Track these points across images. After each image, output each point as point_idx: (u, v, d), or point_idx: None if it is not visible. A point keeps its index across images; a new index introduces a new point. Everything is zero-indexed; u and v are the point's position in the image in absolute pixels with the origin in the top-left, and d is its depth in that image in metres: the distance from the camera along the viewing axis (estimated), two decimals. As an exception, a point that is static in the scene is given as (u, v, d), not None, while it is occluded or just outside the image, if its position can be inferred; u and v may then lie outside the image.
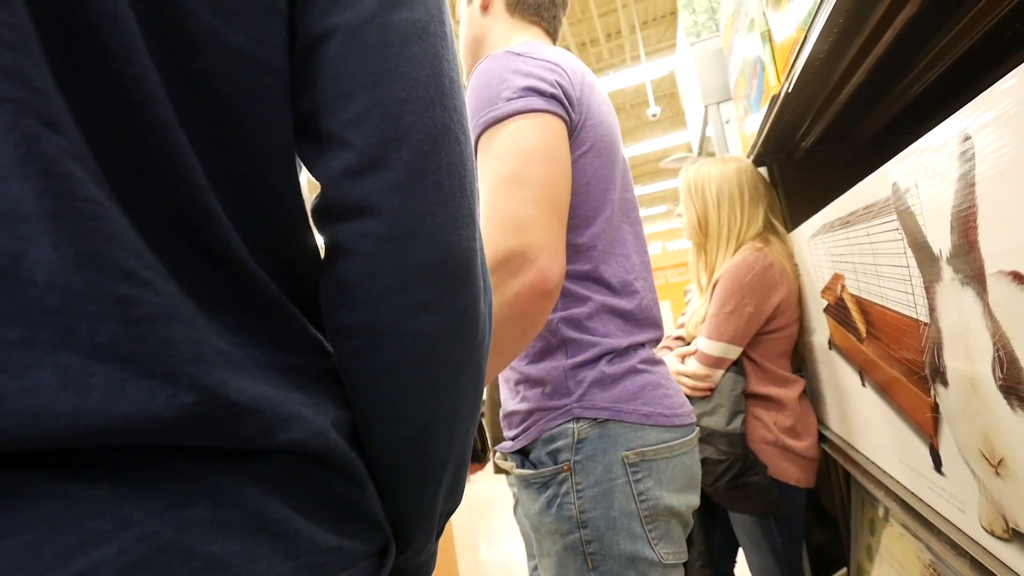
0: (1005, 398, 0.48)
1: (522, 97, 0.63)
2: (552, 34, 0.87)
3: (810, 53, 0.82)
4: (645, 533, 0.65)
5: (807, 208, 1.34)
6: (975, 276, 0.49)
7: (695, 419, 0.75)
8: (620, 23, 7.41)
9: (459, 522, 2.85)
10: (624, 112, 10.35)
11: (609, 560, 0.64)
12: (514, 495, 2.08)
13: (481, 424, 0.67)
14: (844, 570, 1.42)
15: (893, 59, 0.88)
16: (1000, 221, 0.45)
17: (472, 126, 0.66)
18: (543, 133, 0.63)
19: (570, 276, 0.70)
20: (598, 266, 0.71)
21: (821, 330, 1.08)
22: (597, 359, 0.69)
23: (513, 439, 0.73)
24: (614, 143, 0.75)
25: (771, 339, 1.17)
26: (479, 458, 0.66)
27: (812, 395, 1.22)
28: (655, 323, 0.77)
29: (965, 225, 0.49)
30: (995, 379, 0.49)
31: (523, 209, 0.59)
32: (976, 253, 0.49)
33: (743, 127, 1.44)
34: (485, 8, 0.84)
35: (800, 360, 1.27)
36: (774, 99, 1.02)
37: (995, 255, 0.46)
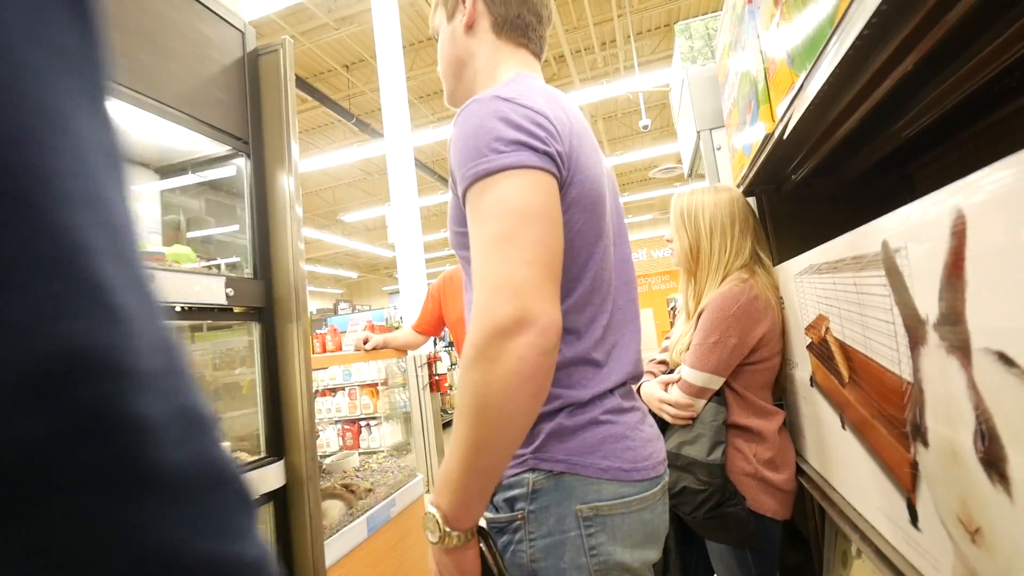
0: (985, 471, 0.48)
1: (514, 151, 0.62)
2: (538, 55, 0.84)
3: (811, 99, 0.82)
4: None
5: (794, 239, 1.36)
6: (961, 347, 0.50)
7: (661, 470, 0.73)
8: (615, 32, 7.45)
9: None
10: (615, 120, 10.40)
11: None
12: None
13: (493, 543, 0.66)
14: (815, 596, 1.44)
15: (889, 104, 0.89)
16: (989, 300, 0.45)
17: (458, 176, 0.65)
18: (537, 191, 0.62)
19: None
20: (569, 317, 0.69)
21: (804, 365, 1.09)
22: (556, 412, 0.68)
23: None
24: (600, 195, 0.73)
25: (754, 370, 1.18)
26: None
27: (792, 427, 1.24)
28: (629, 363, 0.75)
29: (953, 296, 0.50)
30: (976, 451, 0.50)
31: (519, 272, 0.58)
32: (963, 326, 0.49)
33: (735, 155, 1.45)
34: (470, 27, 0.80)
35: (781, 391, 1.28)
36: (767, 137, 1.03)
37: (982, 332, 0.46)
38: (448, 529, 0.60)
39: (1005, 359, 0.43)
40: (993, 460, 0.47)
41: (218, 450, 0.24)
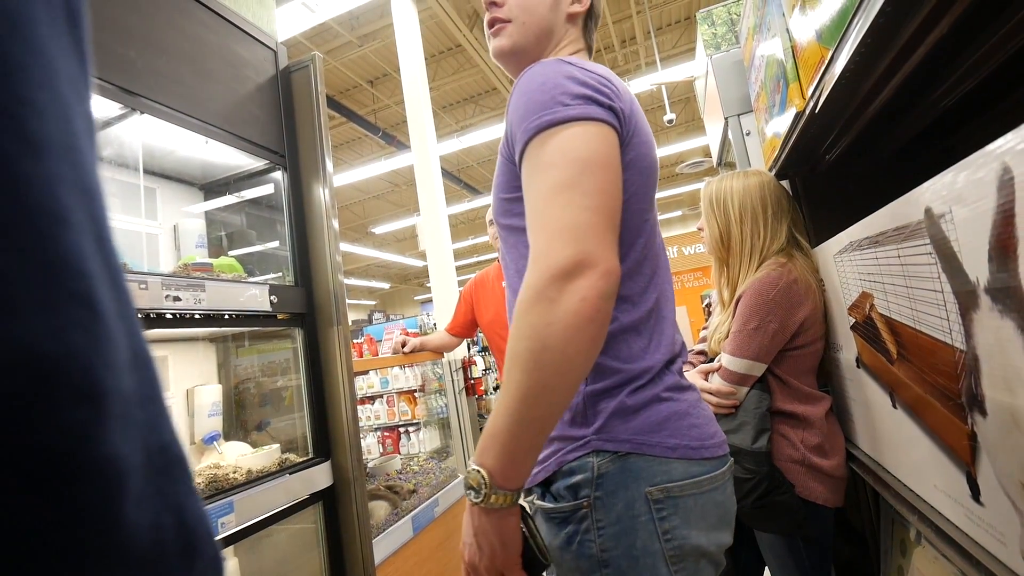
0: (1049, 433, 0.47)
1: (579, 104, 0.63)
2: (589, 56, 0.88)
3: (839, 72, 0.81)
4: (670, 573, 0.61)
5: (831, 221, 1.32)
6: (1016, 308, 0.48)
7: (727, 449, 0.71)
8: (635, 29, 7.40)
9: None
10: (639, 117, 10.29)
11: None
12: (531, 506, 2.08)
13: (537, 530, 0.62)
14: (873, 589, 1.38)
15: (923, 74, 0.86)
16: (1042, 255, 0.44)
17: (521, 129, 0.65)
18: (601, 141, 0.62)
19: None
20: (624, 284, 0.68)
21: (848, 347, 1.07)
22: (619, 387, 0.66)
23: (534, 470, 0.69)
24: (654, 164, 0.74)
25: (796, 355, 1.16)
26: (541, 568, 0.60)
27: (839, 412, 1.20)
28: (677, 345, 0.75)
29: (1004, 256, 0.49)
30: (1038, 413, 0.48)
31: (581, 217, 0.58)
32: (1016, 284, 0.48)
33: (765, 139, 1.43)
34: (573, 16, 0.82)
35: (826, 376, 1.25)
36: (798, 116, 1.02)
37: (1037, 288, 0.45)
38: (496, 487, 0.57)
39: (1064, 314, 0.42)
40: (1057, 421, 0.45)
41: (192, 504, 0.19)
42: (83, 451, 0.13)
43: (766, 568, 1.27)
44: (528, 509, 0.66)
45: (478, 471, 0.58)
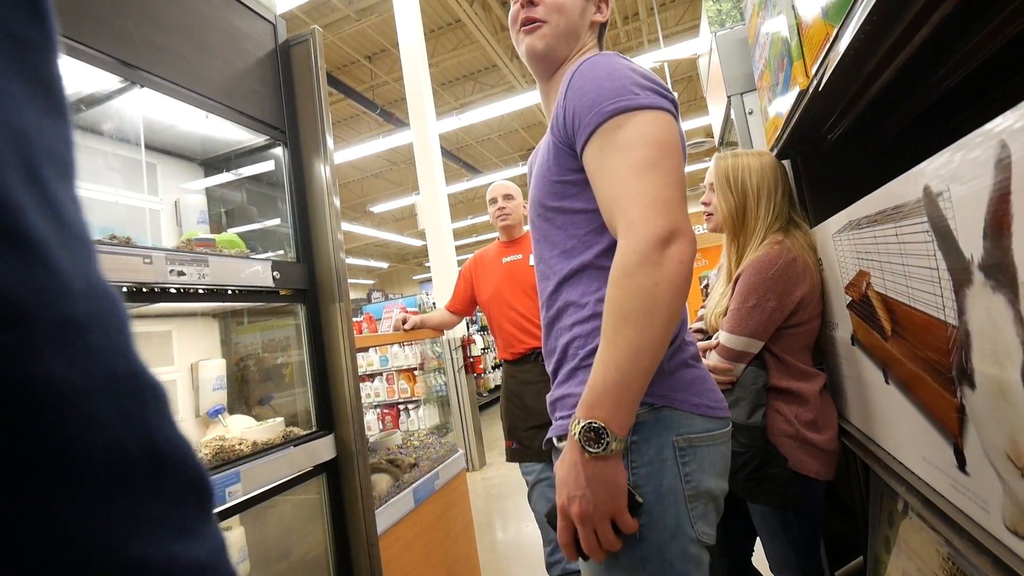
0: (1034, 404, 0.49)
1: (650, 94, 0.71)
2: None
3: (844, 49, 0.81)
4: (688, 511, 0.70)
5: (831, 202, 1.33)
6: (1007, 283, 0.50)
7: (729, 413, 0.80)
8: (638, 5, 7.27)
9: (476, 505, 2.92)
10: (641, 96, 10.16)
11: (655, 532, 0.69)
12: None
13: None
14: (860, 559, 1.43)
15: (926, 54, 0.86)
16: (1035, 231, 0.45)
17: (593, 111, 0.72)
18: (671, 128, 0.72)
19: None
20: None
21: (844, 326, 1.08)
22: None
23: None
24: (685, 155, 0.83)
25: (793, 333, 1.18)
26: (636, 508, 0.69)
27: (833, 389, 1.23)
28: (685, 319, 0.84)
29: (998, 233, 0.50)
30: (1024, 384, 0.50)
31: (667, 192, 0.67)
32: (1009, 260, 0.49)
33: (768, 118, 1.42)
34: (594, 25, 0.90)
35: (821, 354, 1.27)
36: (801, 94, 1.02)
37: (1028, 264, 0.46)
38: (615, 434, 0.63)
39: (1052, 288, 0.43)
40: (1041, 391, 0.47)
41: (166, 429, 0.20)
42: (5, 373, 0.14)
43: (757, 539, 1.31)
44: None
45: (594, 425, 0.64)
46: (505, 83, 8.66)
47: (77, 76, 1.06)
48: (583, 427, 0.64)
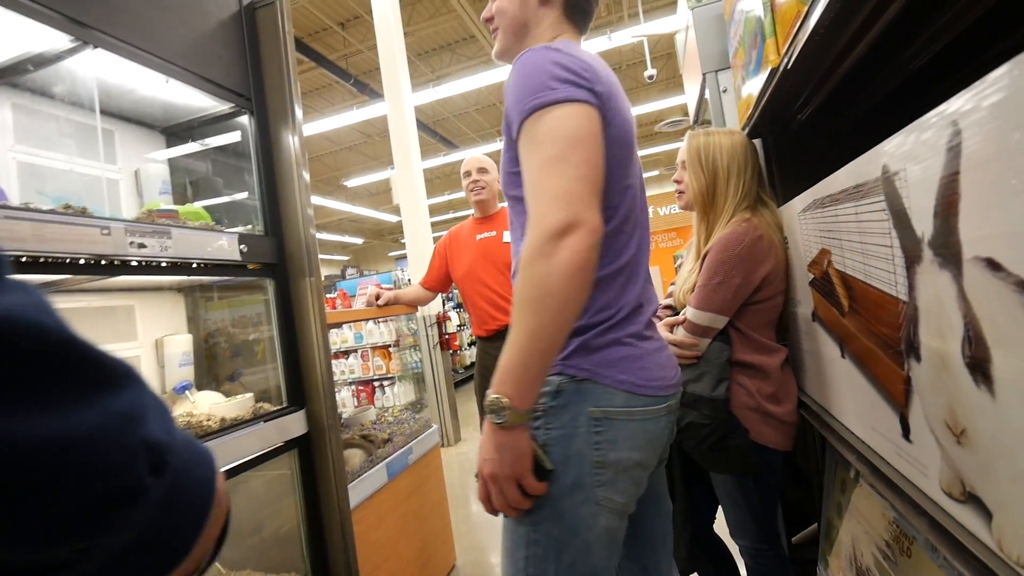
0: (971, 374, 0.51)
1: (565, 87, 0.73)
2: (583, 33, 0.96)
3: (813, 26, 0.82)
4: (591, 474, 0.77)
5: (800, 181, 1.35)
6: (953, 259, 0.52)
7: (669, 392, 0.83)
8: (618, -22, 7.15)
9: (451, 480, 2.97)
10: (620, 72, 10.11)
11: (554, 485, 0.76)
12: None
13: (540, 445, 0.78)
14: (815, 526, 1.51)
15: (895, 33, 0.88)
16: (980, 209, 0.47)
17: (516, 111, 0.76)
18: (584, 120, 0.73)
19: None
20: (608, 241, 0.80)
21: (806, 302, 1.12)
22: (587, 329, 0.80)
23: None
24: (632, 140, 0.84)
25: (757, 309, 1.21)
26: (546, 474, 0.77)
27: (794, 363, 1.27)
28: (647, 299, 0.87)
29: (947, 211, 0.52)
30: (963, 356, 0.52)
31: (571, 185, 0.69)
32: (955, 238, 0.51)
33: (740, 97, 1.43)
34: (546, 2, 0.91)
35: (784, 330, 1.31)
36: (773, 72, 1.02)
37: (973, 241, 0.48)
38: (514, 408, 0.70)
39: (993, 264, 0.46)
40: (978, 362, 0.50)
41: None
42: None
43: (719, 507, 1.37)
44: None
45: (499, 398, 0.70)
46: (483, 55, 8.48)
47: (23, 33, 0.99)
48: (490, 400, 0.71)
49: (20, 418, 0.20)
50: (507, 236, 2.19)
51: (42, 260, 0.89)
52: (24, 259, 0.86)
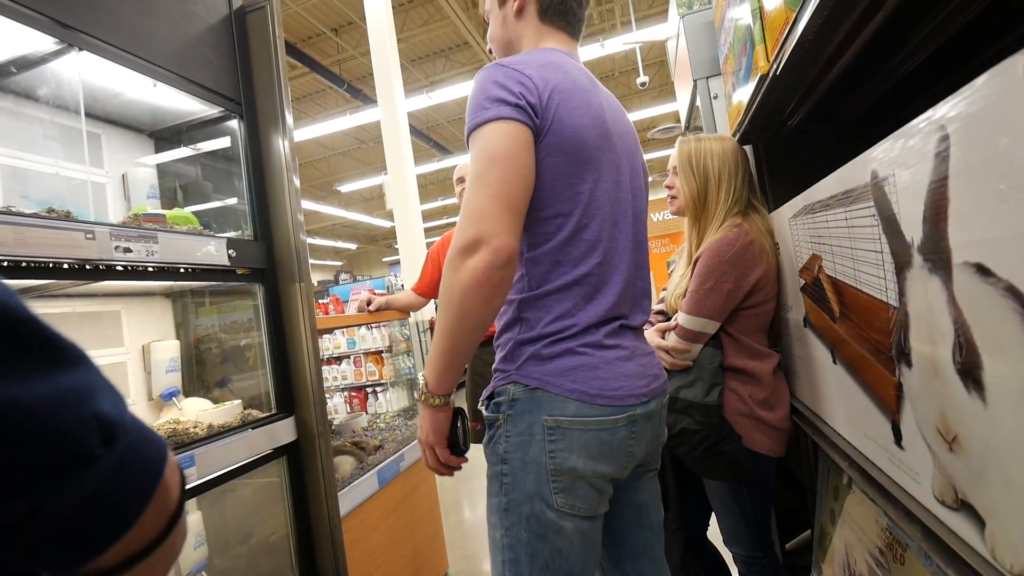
0: (962, 380, 0.51)
1: (494, 106, 0.76)
2: (575, 34, 0.96)
3: (801, 32, 0.82)
4: (548, 481, 0.79)
5: (790, 187, 1.36)
6: (942, 265, 0.52)
7: (631, 402, 0.82)
8: (611, -14, 7.21)
9: (444, 486, 2.94)
10: (613, 80, 10.18)
11: (516, 491, 0.80)
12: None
13: (465, 421, 0.86)
14: (809, 532, 1.50)
15: (883, 39, 0.88)
16: (969, 214, 0.47)
17: (465, 133, 0.81)
18: (504, 138, 0.76)
19: (534, 260, 0.82)
20: (562, 250, 0.82)
21: (798, 308, 1.12)
22: (538, 339, 0.82)
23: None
24: (583, 144, 0.82)
25: (749, 315, 1.21)
26: (460, 452, 0.85)
27: (786, 369, 1.27)
28: (620, 304, 0.86)
29: (936, 216, 0.52)
30: (954, 362, 0.52)
31: (481, 203, 0.73)
32: (945, 243, 0.51)
33: (731, 103, 1.44)
34: (519, 13, 0.94)
35: (776, 336, 1.31)
36: (762, 79, 1.03)
37: (962, 246, 0.48)
38: (430, 392, 0.79)
39: (982, 270, 0.45)
40: (969, 368, 0.49)
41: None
42: None
43: (712, 513, 1.36)
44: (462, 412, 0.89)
45: (422, 380, 0.80)
46: (476, 61, 8.50)
47: (6, 35, 0.98)
48: (421, 379, 0.77)
49: None
50: None
51: (24, 264, 0.88)
52: (5, 263, 0.84)
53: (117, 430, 0.30)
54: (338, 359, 5.01)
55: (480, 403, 0.90)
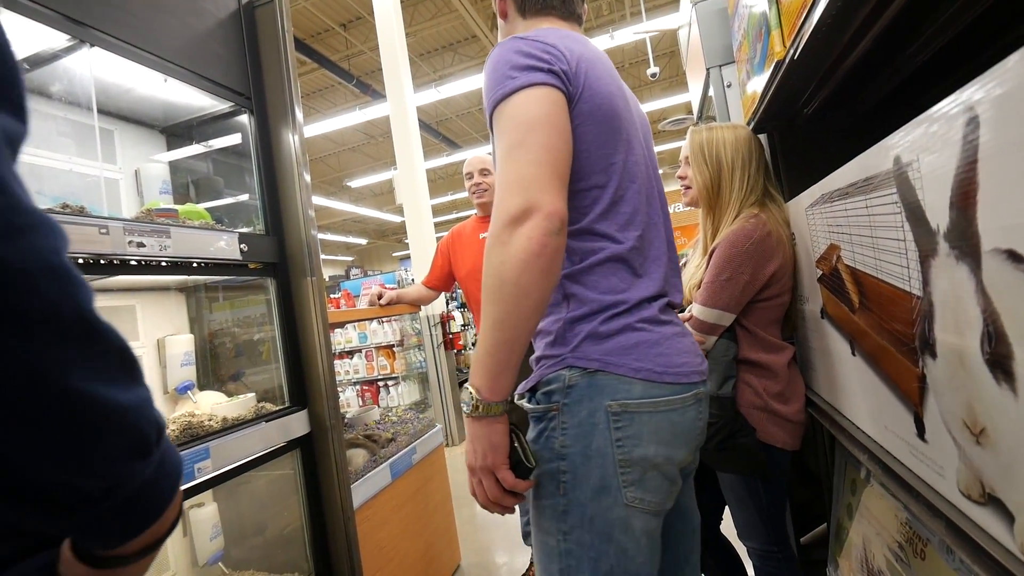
0: (991, 371, 0.49)
1: (524, 73, 0.72)
2: (567, 16, 0.92)
3: (819, 17, 0.80)
4: (616, 474, 0.71)
5: (806, 176, 1.33)
6: (971, 252, 0.50)
7: (695, 379, 0.77)
8: (621, -24, 7.12)
9: (456, 479, 2.94)
10: (623, 71, 10.08)
11: (578, 489, 0.72)
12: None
13: (524, 440, 0.73)
14: (824, 526, 1.49)
15: (901, 25, 0.86)
16: (1000, 199, 0.45)
17: (487, 106, 0.75)
18: (543, 103, 0.71)
19: (573, 234, 0.76)
20: (601, 222, 0.77)
21: (814, 299, 1.10)
22: (594, 314, 0.75)
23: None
24: (614, 113, 0.79)
25: (764, 307, 1.19)
26: (527, 471, 0.72)
27: (802, 361, 1.25)
28: (660, 278, 0.80)
29: (964, 201, 0.50)
30: (983, 353, 0.50)
31: (527, 170, 0.67)
32: (973, 229, 0.49)
33: (745, 91, 1.41)
34: (504, 16, 0.94)
35: (791, 327, 1.29)
36: (778, 65, 1.00)
37: (992, 232, 0.46)
38: (482, 399, 0.68)
39: (1015, 256, 0.44)
40: (999, 359, 0.48)
41: (92, 308, 0.31)
42: None
43: (726, 507, 1.35)
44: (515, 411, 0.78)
45: (469, 390, 0.69)
46: (485, 54, 8.45)
47: (19, 32, 0.99)
48: (463, 390, 0.70)
49: (104, 386, 0.32)
50: None
51: (39, 260, 0.88)
52: (21, 259, 0.85)
53: (163, 432, 0.38)
54: (350, 353, 5.06)
55: (518, 397, 0.81)
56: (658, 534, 0.75)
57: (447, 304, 5.29)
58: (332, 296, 4.57)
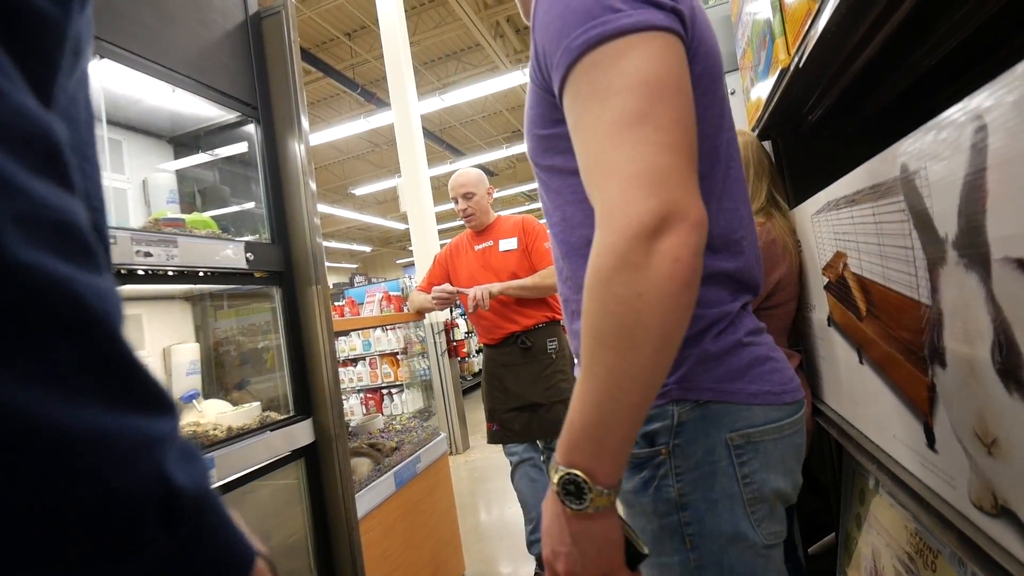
0: (1002, 381, 0.49)
1: (637, 9, 0.50)
2: None
3: (824, 24, 0.80)
4: (748, 515, 0.60)
5: (812, 183, 1.33)
6: (980, 260, 0.50)
7: (803, 393, 0.67)
8: (623, -16, 7.16)
9: (460, 488, 2.94)
10: (626, 78, 10.10)
11: (709, 541, 0.60)
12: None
13: (628, 522, 0.58)
14: (832, 536, 1.47)
15: (908, 30, 0.86)
16: (1010, 207, 0.45)
17: (561, 48, 0.52)
18: (670, 58, 0.50)
19: None
20: (712, 222, 0.60)
21: (821, 307, 1.09)
22: (701, 334, 0.61)
23: None
24: (722, 74, 0.64)
25: (769, 315, 1.18)
26: (639, 559, 0.55)
27: (808, 370, 1.24)
28: (756, 284, 0.68)
29: (973, 209, 0.49)
30: (994, 362, 0.50)
31: (661, 158, 0.47)
32: (983, 238, 0.49)
33: (749, 98, 1.41)
34: None
35: (798, 336, 1.28)
36: (783, 72, 1.00)
37: (1002, 241, 0.46)
38: (596, 487, 0.50)
39: (1024, 265, 0.43)
40: (1010, 369, 0.47)
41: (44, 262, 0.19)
42: None
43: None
44: None
45: (573, 475, 0.50)
46: (489, 63, 8.52)
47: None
48: (562, 477, 0.51)
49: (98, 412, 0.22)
50: (503, 245, 2.14)
51: (47, 270, 0.89)
52: (29, 269, 0.86)
53: (193, 498, 0.26)
54: (353, 361, 5.06)
55: None
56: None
57: (451, 312, 5.29)
58: (336, 304, 4.58)
